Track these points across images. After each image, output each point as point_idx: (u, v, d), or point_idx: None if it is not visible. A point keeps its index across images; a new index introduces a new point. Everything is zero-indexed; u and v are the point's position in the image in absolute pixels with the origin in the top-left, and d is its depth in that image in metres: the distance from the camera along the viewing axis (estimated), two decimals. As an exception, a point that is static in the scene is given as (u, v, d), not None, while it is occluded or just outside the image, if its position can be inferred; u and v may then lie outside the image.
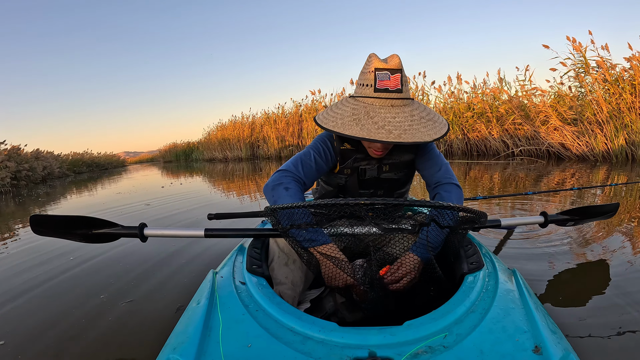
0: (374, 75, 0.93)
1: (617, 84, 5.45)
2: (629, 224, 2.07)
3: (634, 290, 1.24)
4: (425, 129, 0.92)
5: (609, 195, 2.99)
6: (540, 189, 3.37)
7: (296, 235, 0.84)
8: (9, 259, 2.26)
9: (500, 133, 7.28)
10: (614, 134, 5.45)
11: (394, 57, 0.95)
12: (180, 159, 22.97)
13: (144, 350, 1.09)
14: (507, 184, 4.08)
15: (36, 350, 1.14)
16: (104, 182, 8.98)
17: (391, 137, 0.89)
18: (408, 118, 0.92)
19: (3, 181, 8.54)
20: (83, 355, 1.10)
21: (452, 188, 1.05)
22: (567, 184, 3.71)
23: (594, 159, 5.71)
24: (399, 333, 0.58)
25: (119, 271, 1.76)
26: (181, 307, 1.36)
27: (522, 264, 1.55)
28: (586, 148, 5.84)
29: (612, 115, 5.45)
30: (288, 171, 1.03)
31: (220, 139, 16.72)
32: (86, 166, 17.83)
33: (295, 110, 13.00)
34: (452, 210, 0.75)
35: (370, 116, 0.92)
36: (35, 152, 12.42)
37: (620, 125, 5.39)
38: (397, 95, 0.94)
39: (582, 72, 5.95)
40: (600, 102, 5.53)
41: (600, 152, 5.64)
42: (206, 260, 1.79)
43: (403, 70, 0.95)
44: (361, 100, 0.96)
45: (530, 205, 2.79)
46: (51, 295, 1.58)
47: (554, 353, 0.53)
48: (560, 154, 6.23)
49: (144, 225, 1.00)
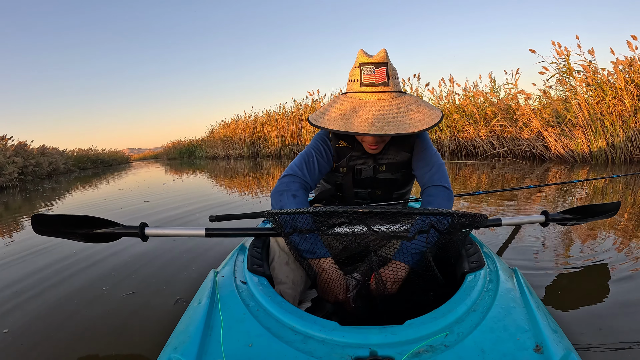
0: (360, 70, 0.92)
1: (601, 87, 5.48)
2: (630, 224, 2.04)
3: (635, 290, 1.21)
4: (411, 120, 0.90)
5: (607, 191, 2.97)
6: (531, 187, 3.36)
7: (297, 243, 0.83)
8: (14, 250, 2.25)
9: (488, 134, 7.34)
10: (593, 136, 5.51)
11: (380, 52, 0.93)
12: (184, 157, 22.89)
13: (144, 340, 1.09)
14: (495, 182, 4.07)
15: (37, 338, 1.14)
16: (108, 179, 8.93)
17: (373, 129, 0.87)
18: (394, 110, 0.90)
19: (11, 176, 8.55)
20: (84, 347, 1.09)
21: (438, 191, 1.02)
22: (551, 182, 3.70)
23: (574, 160, 5.76)
24: (400, 332, 0.57)
25: (119, 270, 1.73)
26: (180, 300, 1.36)
27: (522, 263, 1.52)
28: (567, 150, 5.90)
29: (593, 119, 5.50)
30: (294, 176, 1.02)
31: (223, 137, 16.70)
32: (91, 162, 17.76)
33: (296, 109, 12.97)
34: (452, 217, 0.73)
35: (355, 110, 0.91)
36: (42, 148, 12.37)
37: (601, 127, 5.44)
38: (384, 89, 0.92)
39: (565, 77, 6.02)
40: (582, 105, 5.59)
41: (580, 154, 5.69)
42: (207, 260, 1.76)
43: (389, 64, 0.93)
44: (350, 96, 0.95)
45: (530, 204, 2.77)
46: (53, 287, 1.57)
47: (555, 352, 0.52)
48: (543, 155, 6.29)
49: (144, 225, 0.99)
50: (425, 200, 1.03)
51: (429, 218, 0.74)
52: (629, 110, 5.17)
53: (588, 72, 5.58)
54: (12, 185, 8.37)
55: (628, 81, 5.23)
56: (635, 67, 5.21)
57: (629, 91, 5.16)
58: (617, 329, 1.00)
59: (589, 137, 5.53)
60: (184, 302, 1.34)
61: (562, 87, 6.15)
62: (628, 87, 5.17)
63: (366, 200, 1.18)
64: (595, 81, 5.55)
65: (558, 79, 6.14)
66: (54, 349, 1.09)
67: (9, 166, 8.68)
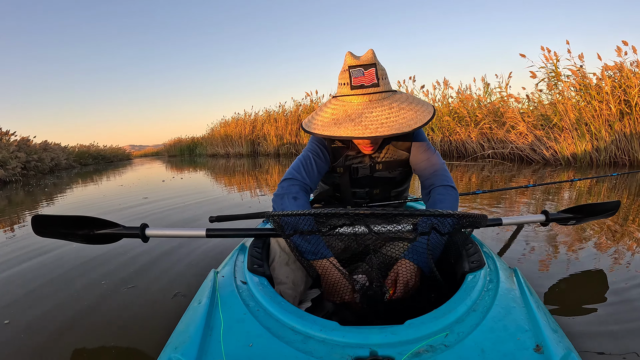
0: (349, 73, 0.90)
1: (588, 92, 5.51)
2: (630, 223, 2.03)
3: (635, 290, 1.20)
4: (404, 119, 0.88)
5: (606, 191, 2.97)
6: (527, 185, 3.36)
7: (299, 245, 0.81)
8: (16, 245, 2.24)
9: (478, 136, 7.39)
10: (579, 139, 5.55)
11: (367, 53, 0.91)
12: (185, 154, 22.80)
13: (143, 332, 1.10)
14: (484, 183, 4.08)
15: (37, 328, 1.16)
16: (109, 175, 8.90)
17: (367, 132, 0.86)
18: (386, 110, 0.89)
19: (14, 171, 8.53)
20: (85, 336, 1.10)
21: (446, 191, 1.00)
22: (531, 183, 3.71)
23: (559, 162, 5.80)
24: (400, 332, 0.56)
25: (119, 270, 1.70)
26: (178, 294, 1.36)
27: (522, 263, 1.51)
28: (552, 152, 5.94)
29: (580, 122, 5.53)
30: (294, 179, 1.00)
31: (223, 135, 16.65)
32: (92, 158, 17.69)
33: (295, 109, 12.95)
34: (452, 217, 0.71)
35: (347, 114, 0.89)
36: (44, 143, 12.32)
37: (587, 131, 5.47)
38: (374, 90, 0.90)
39: (553, 81, 6.06)
40: (568, 110, 5.62)
41: (565, 157, 5.72)
42: (207, 260, 1.75)
43: (378, 64, 0.91)
44: (341, 99, 0.94)
45: (529, 203, 2.76)
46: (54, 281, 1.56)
47: (555, 352, 0.51)
48: (530, 157, 6.34)
49: (145, 226, 0.97)
50: (434, 200, 1.00)
51: (430, 219, 0.73)
52: (615, 115, 5.20)
53: (577, 76, 5.62)
54: (15, 179, 8.35)
55: (616, 86, 5.26)
56: (624, 72, 5.23)
57: (616, 95, 5.19)
58: (617, 328, 0.99)
59: (575, 141, 5.58)
60: (182, 296, 1.34)
61: (549, 91, 6.23)
62: (615, 92, 5.19)
63: (364, 199, 1.17)
64: (582, 85, 5.59)
65: (547, 83, 6.20)
66: (53, 330, 1.12)
67: (12, 161, 8.66)
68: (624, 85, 5.16)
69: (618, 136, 5.22)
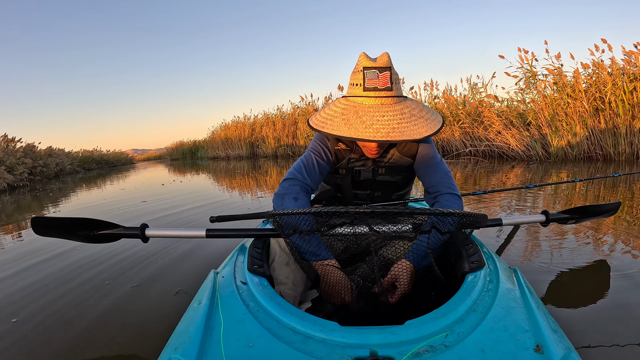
0: (363, 74, 0.87)
1: (564, 90, 5.58)
2: (629, 223, 2.01)
3: (635, 290, 1.19)
4: (415, 126, 0.86)
5: (606, 191, 2.95)
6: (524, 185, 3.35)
7: (298, 245, 0.79)
8: (22, 247, 2.24)
9: (461, 135, 7.48)
10: (552, 135, 5.63)
11: (383, 55, 0.89)
12: (187, 157, 22.75)
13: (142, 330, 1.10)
14: (468, 181, 4.08)
15: (45, 326, 1.17)
16: (112, 179, 8.86)
17: (378, 135, 0.83)
18: (398, 116, 0.86)
19: (21, 176, 8.55)
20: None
21: (452, 199, 0.98)
22: (507, 184, 3.72)
23: (533, 158, 5.88)
24: (400, 332, 0.55)
25: (118, 269, 1.69)
26: (180, 291, 1.35)
27: (522, 263, 1.49)
28: (527, 149, 6.05)
29: (554, 119, 5.61)
30: (294, 179, 0.98)
31: (224, 138, 16.66)
32: (95, 163, 17.63)
33: (292, 112, 12.97)
34: (452, 216, 0.70)
35: (358, 115, 0.86)
36: (49, 149, 12.30)
37: (561, 127, 5.56)
38: (387, 94, 0.88)
39: (530, 81, 6.16)
40: (543, 108, 5.72)
41: (539, 153, 5.82)
42: (207, 260, 1.73)
43: (392, 68, 0.88)
44: (351, 100, 0.91)
45: (529, 203, 2.74)
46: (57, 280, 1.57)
47: (556, 352, 0.50)
48: (506, 154, 6.43)
49: (145, 226, 0.96)
50: (440, 206, 0.98)
51: (430, 219, 0.72)
52: (589, 111, 5.27)
53: (554, 75, 5.71)
54: (22, 184, 8.34)
55: (591, 83, 5.34)
56: (600, 69, 5.29)
57: (590, 93, 5.26)
58: (617, 328, 0.97)
59: (549, 137, 5.67)
60: (184, 293, 1.33)
61: (526, 89, 6.33)
62: (590, 90, 5.27)
63: (365, 201, 1.15)
64: (558, 84, 5.67)
65: (525, 82, 6.30)
66: (58, 327, 1.14)
67: (19, 167, 8.66)
68: (599, 83, 5.23)
69: (592, 132, 5.30)
